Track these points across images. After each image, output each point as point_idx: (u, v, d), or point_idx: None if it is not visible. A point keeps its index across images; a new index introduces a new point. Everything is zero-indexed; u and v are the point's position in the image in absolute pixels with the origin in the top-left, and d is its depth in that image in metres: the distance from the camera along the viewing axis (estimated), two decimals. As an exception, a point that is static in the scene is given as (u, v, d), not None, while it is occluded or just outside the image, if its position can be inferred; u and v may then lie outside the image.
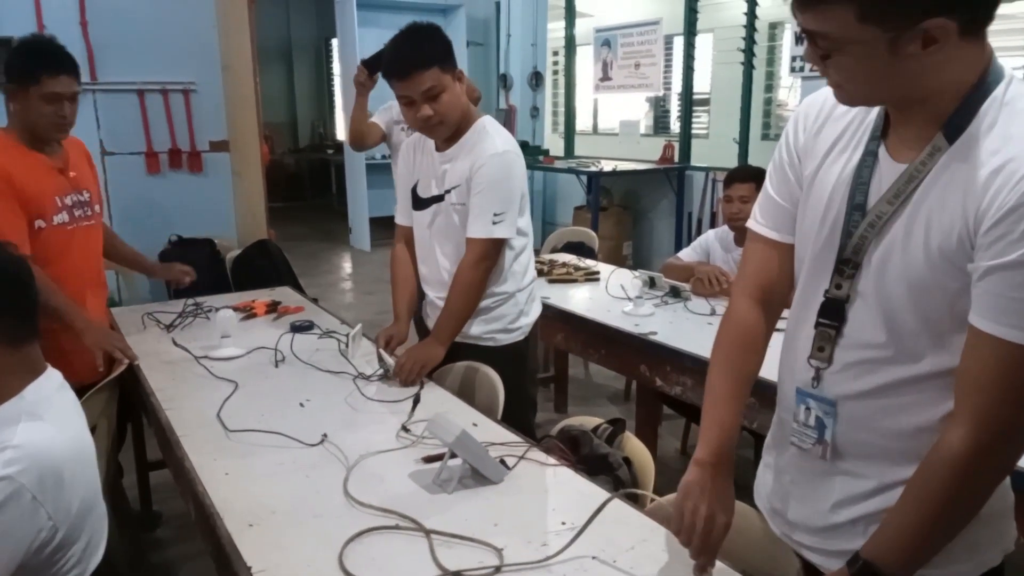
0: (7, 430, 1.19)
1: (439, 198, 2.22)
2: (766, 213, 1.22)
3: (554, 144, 8.05)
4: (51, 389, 1.32)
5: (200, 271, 3.61)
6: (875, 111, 1.08)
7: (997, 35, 1.00)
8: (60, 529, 1.20)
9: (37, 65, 2.21)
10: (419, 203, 2.29)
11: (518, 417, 2.05)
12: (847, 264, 1.07)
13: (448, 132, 2.16)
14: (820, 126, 1.14)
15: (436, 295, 2.31)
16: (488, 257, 2.15)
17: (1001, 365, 0.94)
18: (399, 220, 2.42)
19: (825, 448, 1.13)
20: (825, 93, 1.12)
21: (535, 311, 2.37)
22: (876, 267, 1.04)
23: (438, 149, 2.21)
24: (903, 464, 1.06)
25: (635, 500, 1.50)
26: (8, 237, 2.13)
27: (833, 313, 1.10)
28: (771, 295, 1.24)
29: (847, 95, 1.03)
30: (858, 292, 1.07)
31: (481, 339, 2.25)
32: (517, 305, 2.28)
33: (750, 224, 1.25)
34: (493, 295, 2.23)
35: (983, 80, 0.97)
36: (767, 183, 1.23)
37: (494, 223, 2.11)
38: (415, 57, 2.03)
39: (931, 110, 0.99)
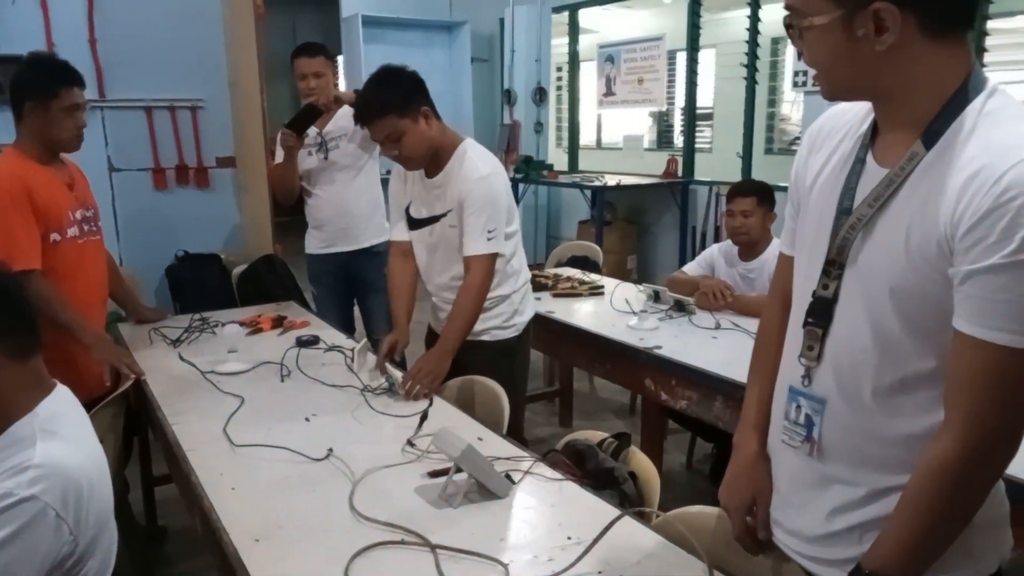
0: (27, 450, 1.20)
1: (434, 219, 2.36)
2: (785, 234, 1.30)
3: (558, 159, 8.08)
4: (62, 405, 1.33)
5: (207, 286, 3.66)
6: (866, 124, 1.12)
7: (998, 50, 1.03)
8: (80, 543, 1.22)
9: (54, 79, 2.28)
10: (414, 223, 2.44)
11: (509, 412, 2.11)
12: (833, 265, 1.10)
13: (419, 166, 2.34)
14: (819, 146, 1.19)
15: (442, 300, 2.46)
16: (490, 271, 2.30)
17: (987, 367, 0.95)
18: (394, 236, 2.54)
19: (812, 446, 1.14)
20: (822, 119, 1.21)
21: (530, 309, 2.54)
22: (860, 269, 1.07)
23: (427, 175, 2.35)
24: (894, 472, 1.07)
25: (641, 515, 1.50)
26: (25, 250, 2.20)
27: (821, 313, 1.12)
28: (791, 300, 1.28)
29: (823, 83, 1.08)
30: (844, 293, 1.10)
31: (478, 335, 2.37)
32: (512, 305, 2.44)
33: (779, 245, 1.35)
34: (491, 297, 2.36)
35: (963, 89, 0.99)
36: (787, 208, 1.29)
37: (488, 239, 2.26)
38: (370, 108, 2.23)
39: (910, 116, 1.02)
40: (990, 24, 4.59)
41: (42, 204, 2.27)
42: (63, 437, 1.26)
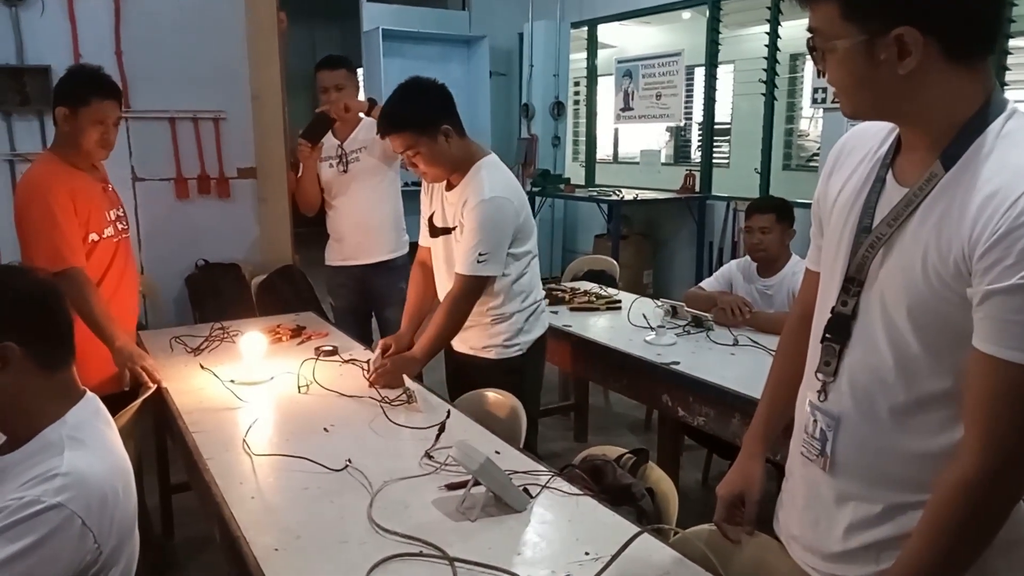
0: (55, 458, 1.22)
1: (447, 230, 2.40)
2: (811, 252, 1.31)
3: (575, 173, 8.09)
4: (90, 413, 1.35)
5: (226, 295, 3.70)
6: (887, 144, 1.13)
7: (1019, 68, 1.03)
8: (104, 552, 1.23)
9: (88, 89, 2.36)
10: (434, 231, 2.47)
11: None
12: (852, 282, 1.11)
13: (438, 180, 2.39)
14: (841, 164, 1.21)
15: None
16: (472, 291, 2.30)
17: (1005, 387, 0.95)
18: (420, 241, 2.61)
19: (826, 460, 1.15)
20: (844, 138, 1.23)
21: (538, 330, 2.48)
22: (878, 287, 1.08)
23: (447, 188, 2.40)
24: (911, 490, 1.07)
25: (659, 532, 1.49)
26: (73, 251, 2.31)
27: (839, 329, 1.13)
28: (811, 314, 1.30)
29: (844, 102, 1.09)
30: (862, 310, 1.10)
31: (480, 352, 2.41)
32: (515, 324, 2.41)
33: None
34: (492, 313, 2.38)
35: (982, 112, 1.00)
36: (812, 228, 1.30)
37: (479, 262, 2.26)
38: (389, 122, 2.29)
39: (930, 137, 1.03)
40: (1012, 43, 4.58)
41: (82, 206, 2.37)
42: (90, 446, 1.27)
